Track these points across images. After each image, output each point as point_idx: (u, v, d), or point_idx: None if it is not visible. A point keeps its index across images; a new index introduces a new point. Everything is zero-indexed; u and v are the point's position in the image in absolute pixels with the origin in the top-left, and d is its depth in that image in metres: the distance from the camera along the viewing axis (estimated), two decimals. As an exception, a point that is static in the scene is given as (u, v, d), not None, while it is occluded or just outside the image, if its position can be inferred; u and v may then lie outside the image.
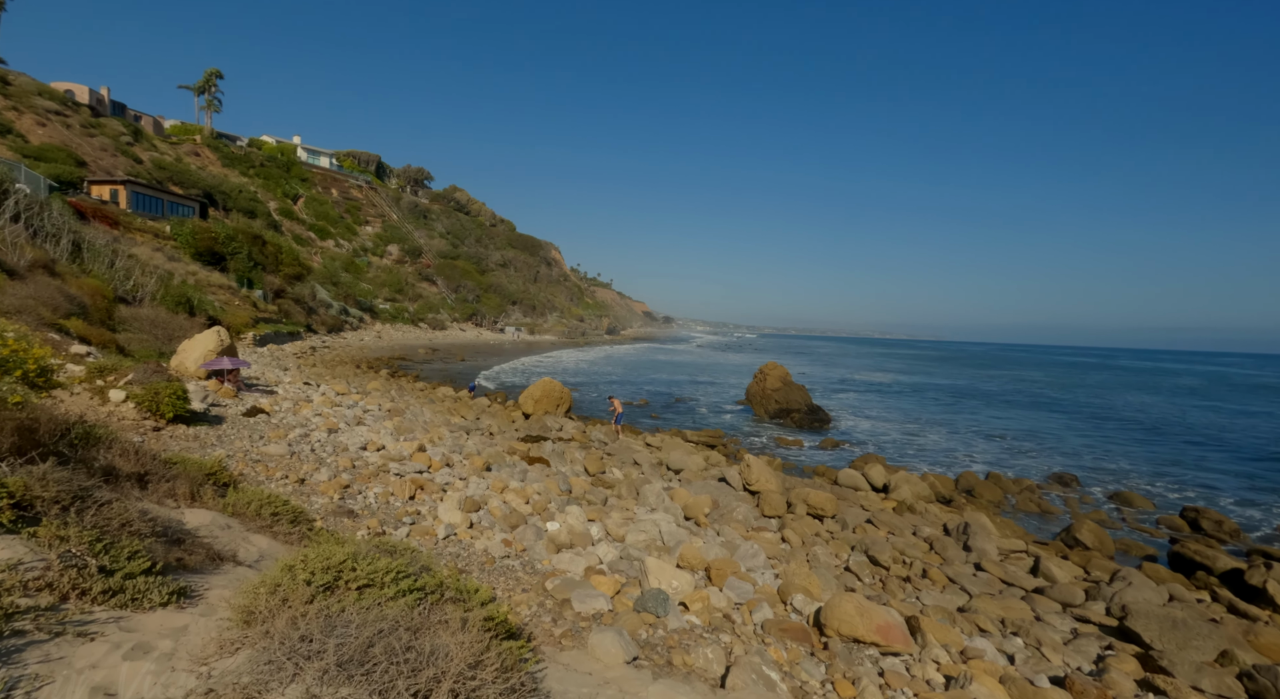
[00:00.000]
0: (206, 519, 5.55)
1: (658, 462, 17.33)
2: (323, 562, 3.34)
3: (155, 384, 11.91)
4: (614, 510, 10.71)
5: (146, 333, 22.73)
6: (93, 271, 28.34)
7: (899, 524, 13.28)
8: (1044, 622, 9.10)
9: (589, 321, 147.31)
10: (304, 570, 3.25)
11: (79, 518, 3.98)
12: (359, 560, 3.44)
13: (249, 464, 10.30)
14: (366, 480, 10.78)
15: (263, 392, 18.85)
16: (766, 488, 13.64)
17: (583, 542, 8.65)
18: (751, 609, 7.06)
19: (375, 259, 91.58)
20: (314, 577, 3.22)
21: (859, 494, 15.82)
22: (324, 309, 61.56)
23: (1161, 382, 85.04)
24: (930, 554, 11.93)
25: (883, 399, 45.54)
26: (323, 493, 9.28)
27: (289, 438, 12.88)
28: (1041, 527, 15.94)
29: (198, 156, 78.14)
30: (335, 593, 3.25)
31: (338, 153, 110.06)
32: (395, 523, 8.59)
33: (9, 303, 16.57)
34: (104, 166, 55.56)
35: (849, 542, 11.96)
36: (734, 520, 11.32)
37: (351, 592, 3.26)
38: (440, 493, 10.65)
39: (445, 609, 3.24)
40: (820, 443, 25.25)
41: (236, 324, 36.72)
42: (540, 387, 22.48)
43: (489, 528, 8.97)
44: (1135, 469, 23.95)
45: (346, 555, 3.43)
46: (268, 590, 3.04)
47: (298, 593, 3.04)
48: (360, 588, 3.31)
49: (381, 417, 18.40)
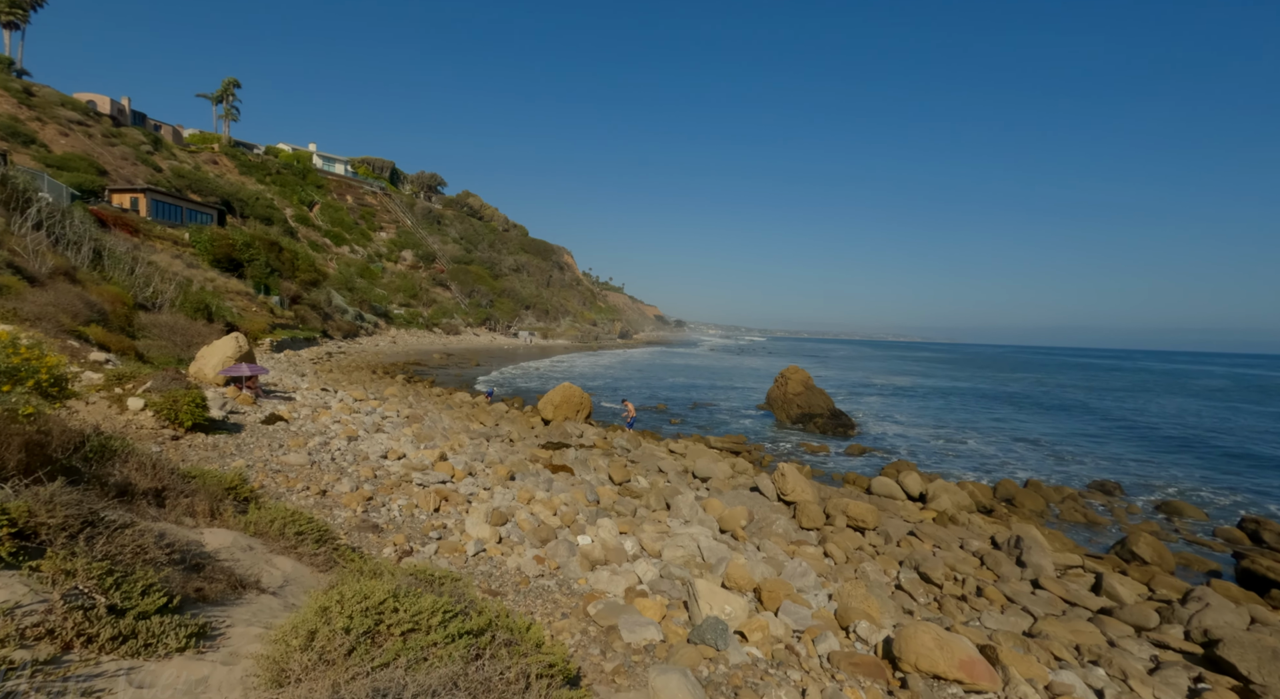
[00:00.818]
0: (227, 540, 5.13)
1: (683, 469, 16.80)
2: (360, 600, 2.90)
3: (174, 392, 11.63)
4: (646, 523, 10.22)
5: (166, 339, 22.63)
6: (113, 278, 28.41)
7: (944, 537, 12.59)
8: (1120, 648, 8.42)
9: (601, 326, 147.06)
10: (341, 613, 2.81)
11: (89, 547, 3.57)
12: (400, 599, 2.99)
13: (269, 475, 9.95)
14: (389, 491, 10.39)
15: (281, 398, 18.60)
16: (803, 498, 13.02)
17: (617, 557, 8.16)
18: (814, 639, 6.50)
19: (389, 265, 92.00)
20: (352, 621, 2.78)
21: (895, 504, 15.12)
22: (339, 315, 61.75)
23: (1187, 383, 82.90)
24: (982, 570, 11.28)
25: (906, 403, 44.57)
26: (345, 505, 8.88)
27: (309, 446, 12.55)
28: (1092, 539, 15.16)
29: (216, 165, 79.02)
30: (377, 640, 2.81)
31: (352, 159, 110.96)
32: (421, 538, 8.16)
33: (29, 310, 16.44)
34: (125, 175, 56.18)
35: (896, 556, 11.36)
36: (773, 534, 10.73)
37: (395, 638, 2.82)
38: (465, 504, 10.23)
39: (501, 657, 2.79)
40: (847, 449, 24.50)
41: (254, 330, 36.75)
42: (560, 392, 22.06)
43: (519, 543, 8.51)
44: (1179, 476, 22.94)
45: (386, 594, 2.99)
46: (301, 642, 2.61)
47: (335, 644, 2.61)
48: (405, 633, 2.86)
49: (400, 423, 18.07)
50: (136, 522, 4.17)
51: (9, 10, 60.89)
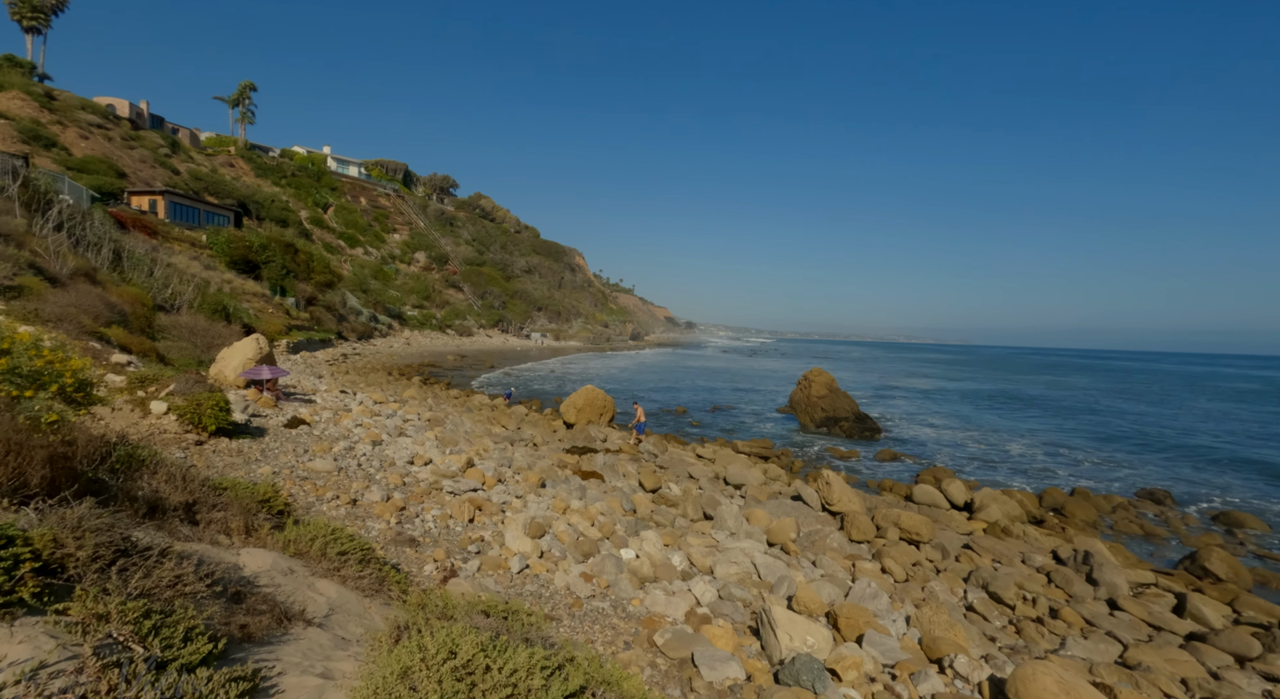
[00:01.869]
0: (266, 563, 4.67)
1: (714, 475, 16.24)
2: (445, 658, 2.41)
3: (197, 395, 11.26)
4: (689, 534, 9.68)
5: (185, 341, 22.41)
6: (132, 280, 28.34)
7: (1002, 551, 11.88)
8: (1227, 681, 7.73)
9: (613, 328, 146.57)
10: (428, 678, 2.32)
11: (122, 581, 3.10)
12: (492, 654, 2.50)
13: (296, 482, 9.53)
14: (420, 499, 9.95)
15: (301, 401, 18.26)
16: (850, 509, 12.37)
17: (667, 574, 7.64)
18: (912, 676, 5.93)
19: (403, 266, 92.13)
20: (442, 685, 2.29)
21: (940, 513, 14.41)
22: (354, 316, 61.73)
23: (1216, 386, 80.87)
24: (1051, 588, 10.57)
25: (931, 406, 43.62)
26: (378, 516, 8.43)
27: (334, 451, 12.15)
28: (1154, 553, 14.33)
29: (232, 167, 79.48)
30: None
31: (366, 162, 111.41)
32: (460, 552, 7.68)
33: (51, 310, 16.21)
34: (143, 178, 56.54)
35: (958, 572, 10.66)
36: (828, 548, 10.09)
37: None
38: (500, 514, 9.76)
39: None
40: (877, 454, 23.73)
41: (270, 331, 36.64)
42: (583, 395, 21.58)
43: (561, 557, 8.02)
44: (1229, 483, 21.91)
45: (475, 648, 2.50)
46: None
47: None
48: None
49: (422, 427, 17.68)
50: (172, 546, 3.70)
51: (31, 15, 61.54)
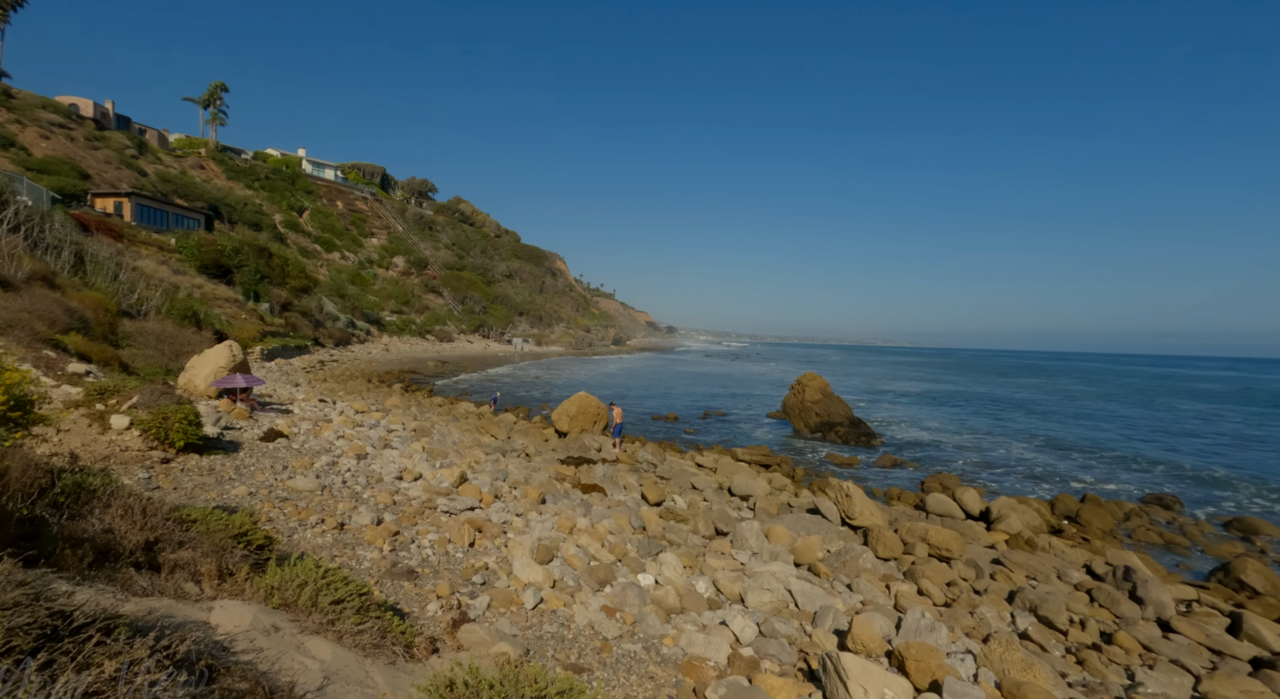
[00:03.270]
0: (245, 619, 3.84)
1: (718, 486, 15.55)
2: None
3: (163, 407, 10.26)
4: (709, 555, 8.95)
5: (152, 348, 21.12)
6: (95, 284, 26.84)
7: (1035, 566, 11.25)
8: None
9: (595, 332, 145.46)
10: None
11: (44, 681, 2.29)
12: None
13: (275, 504, 8.62)
14: (413, 520, 9.09)
15: (278, 411, 17.18)
16: (873, 523, 11.68)
17: (695, 603, 6.92)
18: None
19: (381, 271, 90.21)
20: None
21: (959, 524, 13.69)
22: (331, 322, 60.03)
23: (1188, 387, 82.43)
24: (1096, 608, 9.91)
25: (921, 410, 43.42)
26: (369, 543, 7.57)
27: (316, 467, 11.21)
28: (1180, 563, 13.79)
29: (203, 169, 77.07)
30: None
31: (343, 165, 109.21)
32: (465, 583, 6.87)
33: (0, 316, 14.97)
34: (108, 179, 54.39)
35: (998, 592, 9.95)
36: (861, 569, 9.37)
37: None
38: (501, 536, 8.95)
39: None
40: (877, 460, 23.20)
41: (244, 338, 35.15)
42: (576, 402, 20.77)
43: (576, 587, 7.25)
44: (1231, 485, 21.76)
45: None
46: None
47: None
48: None
49: (408, 438, 16.73)
50: (119, 617, 2.88)
51: (-12, 10, 58.94)
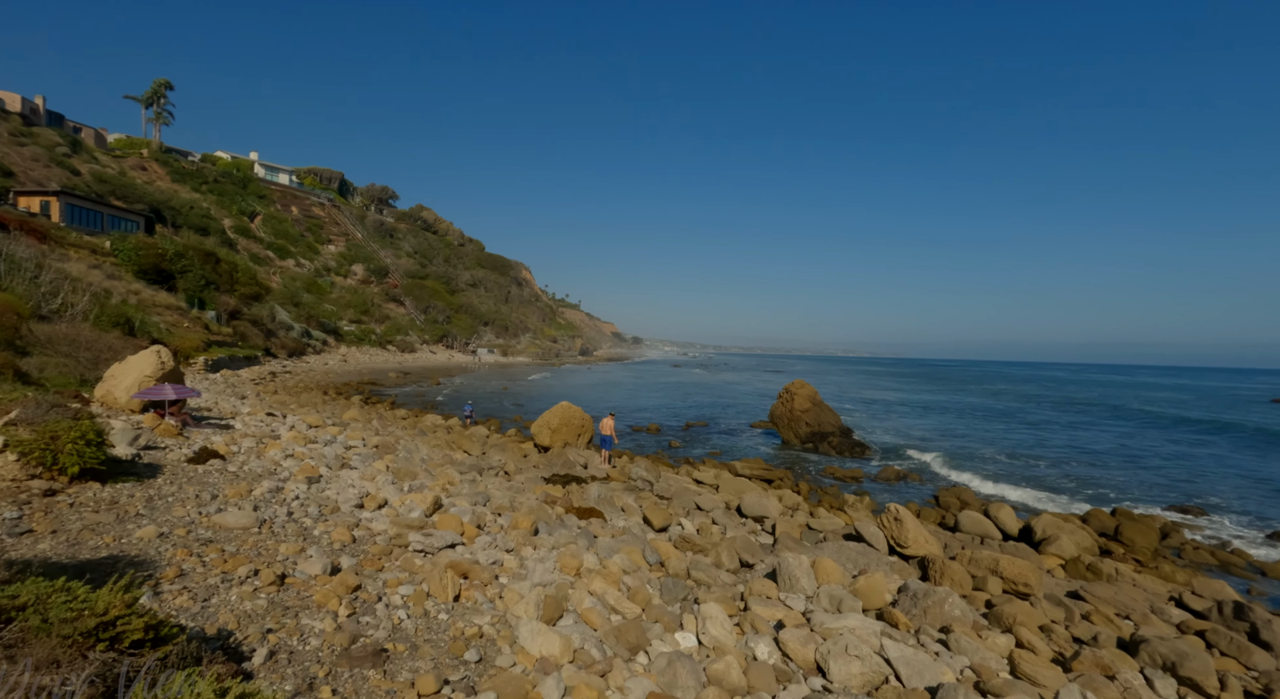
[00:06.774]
0: None
1: (725, 505, 13.90)
2: None
3: (52, 424, 8.08)
4: (752, 601, 7.24)
5: (67, 356, 18.40)
6: (11, 287, 23.79)
7: (1123, 602, 9.68)
8: None
9: (562, 343, 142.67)
10: None
11: None
12: None
13: (194, 549, 6.60)
14: (378, 564, 7.17)
15: (216, 426, 14.84)
16: (930, 552, 9.93)
17: (764, 680, 5.24)
18: None
19: (339, 279, 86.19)
20: None
21: (1004, 546, 12.02)
22: (284, 331, 56.39)
23: (1152, 395, 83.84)
24: (1219, 658, 8.21)
25: (905, 420, 42.42)
26: (320, 605, 5.62)
27: (255, 495, 9.12)
28: (1253, 587, 12.33)
29: (144, 171, 72.35)
30: None
31: (298, 170, 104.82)
32: (455, 665, 5.01)
33: None
34: (35, 178, 50.11)
35: (1106, 641, 8.05)
36: (950, 617, 7.52)
37: None
38: (494, 582, 7.09)
39: None
40: (879, 474, 21.70)
41: (186, 348, 32.01)
42: (558, 414, 18.87)
43: (601, 658, 5.48)
44: (1248, 496, 21.10)
45: None
46: None
47: None
48: None
49: (370, 456, 14.62)
50: None
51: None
